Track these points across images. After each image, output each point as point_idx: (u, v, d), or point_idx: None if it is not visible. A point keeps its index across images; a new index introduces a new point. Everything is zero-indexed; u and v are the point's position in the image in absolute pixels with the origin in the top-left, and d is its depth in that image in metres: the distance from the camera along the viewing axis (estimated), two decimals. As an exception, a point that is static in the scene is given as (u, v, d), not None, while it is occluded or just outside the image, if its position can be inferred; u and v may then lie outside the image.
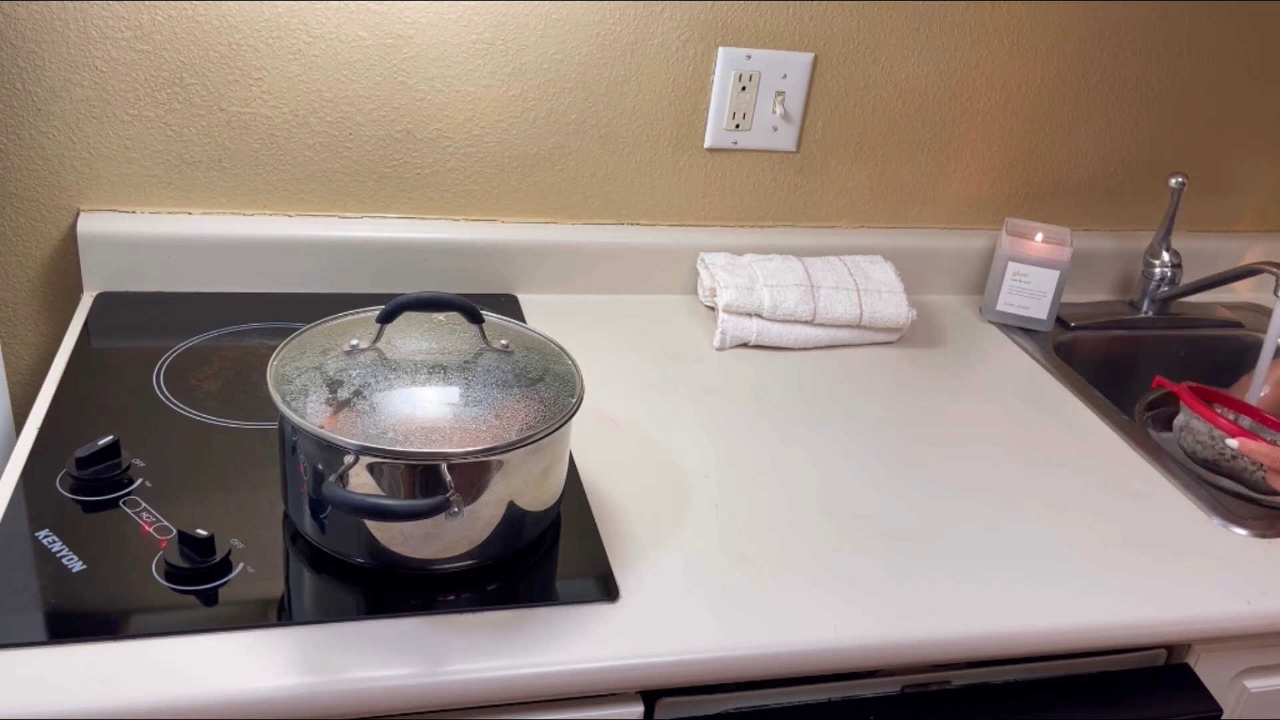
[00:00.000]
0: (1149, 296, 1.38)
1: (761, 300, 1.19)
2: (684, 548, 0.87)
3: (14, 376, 1.21)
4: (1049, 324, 1.32)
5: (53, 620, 0.73)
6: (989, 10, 1.27)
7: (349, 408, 0.76)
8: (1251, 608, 0.89)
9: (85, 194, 1.14)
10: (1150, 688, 0.90)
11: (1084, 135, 1.38)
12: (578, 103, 1.21)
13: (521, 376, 0.82)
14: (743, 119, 1.25)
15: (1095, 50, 1.33)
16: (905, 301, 1.23)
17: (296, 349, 0.83)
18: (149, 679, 0.69)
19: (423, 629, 0.76)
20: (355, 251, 1.20)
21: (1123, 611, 0.86)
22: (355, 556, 0.79)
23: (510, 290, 1.26)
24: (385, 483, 0.75)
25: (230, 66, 1.11)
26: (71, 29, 1.06)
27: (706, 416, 1.06)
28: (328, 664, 0.72)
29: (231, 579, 0.78)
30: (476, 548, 0.79)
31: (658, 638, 0.78)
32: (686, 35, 1.20)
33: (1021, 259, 1.31)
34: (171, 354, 1.05)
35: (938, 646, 0.82)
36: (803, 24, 1.22)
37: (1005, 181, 1.39)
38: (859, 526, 0.92)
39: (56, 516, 0.82)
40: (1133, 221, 1.46)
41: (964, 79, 1.30)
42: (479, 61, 1.16)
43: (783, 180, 1.31)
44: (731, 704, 0.82)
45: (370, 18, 1.11)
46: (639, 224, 1.29)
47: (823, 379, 1.16)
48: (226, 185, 1.16)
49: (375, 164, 1.19)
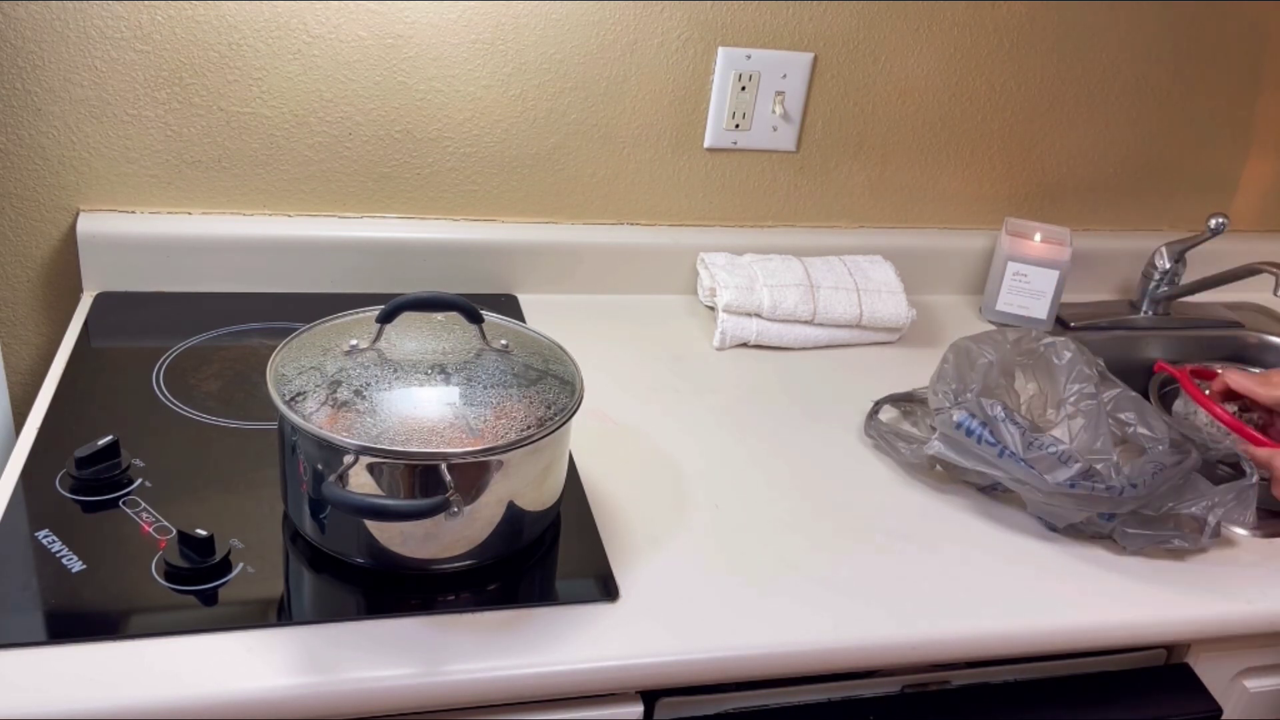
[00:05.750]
0: (1149, 296, 1.38)
1: (761, 300, 1.19)
2: (684, 547, 0.87)
3: (14, 376, 1.21)
4: (1049, 324, 1.32)
5: (52, 620, 0.73)
6: (989, 10, 1.27)
7: (349, 408, 0.76)
8: (1251, 608, 0.89)
9: (85, 194, 1.14)
10: (1150, 688, 0.90)
11: (1084, 135, 1.38)
12: (577, 102, 1.21)
13: (521, 376, 0.82)
14: (742, 119, 1.25)
15: (1095, 50, 1.32)
16: (905, 301, 1.23)
17: (296, 349, 0.83)
18: (148, 679, 0.69)
19: (423, 629, 0.76)
20: (355, 251, 1.20)
21: (1122, 611, 0.86)
22: (355, 556, 0.79)
23: (510, 290, 1.26)
24: (385, 483, 0.75)
25: (230, 66, 1.11)
26: (71, 29, 1.06)
27: (706, 416, 1.06)
28: (328, 664, 0.72)
29: (231, 579, 0.78)
30: (476, 548, 0.79)
31: (657, 638, 0.78)
32: (686, 35, 1.20)
33: (1021, 259, 1.31)
34: (171, 354, 1.05)
35: (938, 646, 0.82)
36: (803, 24, 1.22)
37: (1005, 181, 1.39)
38: (859, 526, 0.92)
39: (56, 516, 0.82)
40: (1133, 221, 1.46)
41: (964, 79, 1.30)
42: (479, 61, 1.16)
43: (782, 180, 1.31)
44: (731, 704, 0.82)
45: (370, 18, 1.11)
46: (639, 224, 1.29)
47: (823, 379, 1.16)
48: (226, 185, 1.16)
49: (375, 164, 1.19)
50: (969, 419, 0.91)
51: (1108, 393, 0.99)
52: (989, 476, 0.93)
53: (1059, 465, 0.88)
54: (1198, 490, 0.91)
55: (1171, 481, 0.90)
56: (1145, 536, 0.90)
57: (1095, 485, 0.87)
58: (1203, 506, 0.90)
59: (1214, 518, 0.90)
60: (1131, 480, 0.88)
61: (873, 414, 1.06)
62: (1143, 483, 0.88)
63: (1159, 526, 0.91)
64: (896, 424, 1.08)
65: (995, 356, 0.99)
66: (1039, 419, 1.01)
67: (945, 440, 0.94)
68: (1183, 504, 0.91)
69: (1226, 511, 0.90)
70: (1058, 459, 0.88)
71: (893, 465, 1.01)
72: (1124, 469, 0.90)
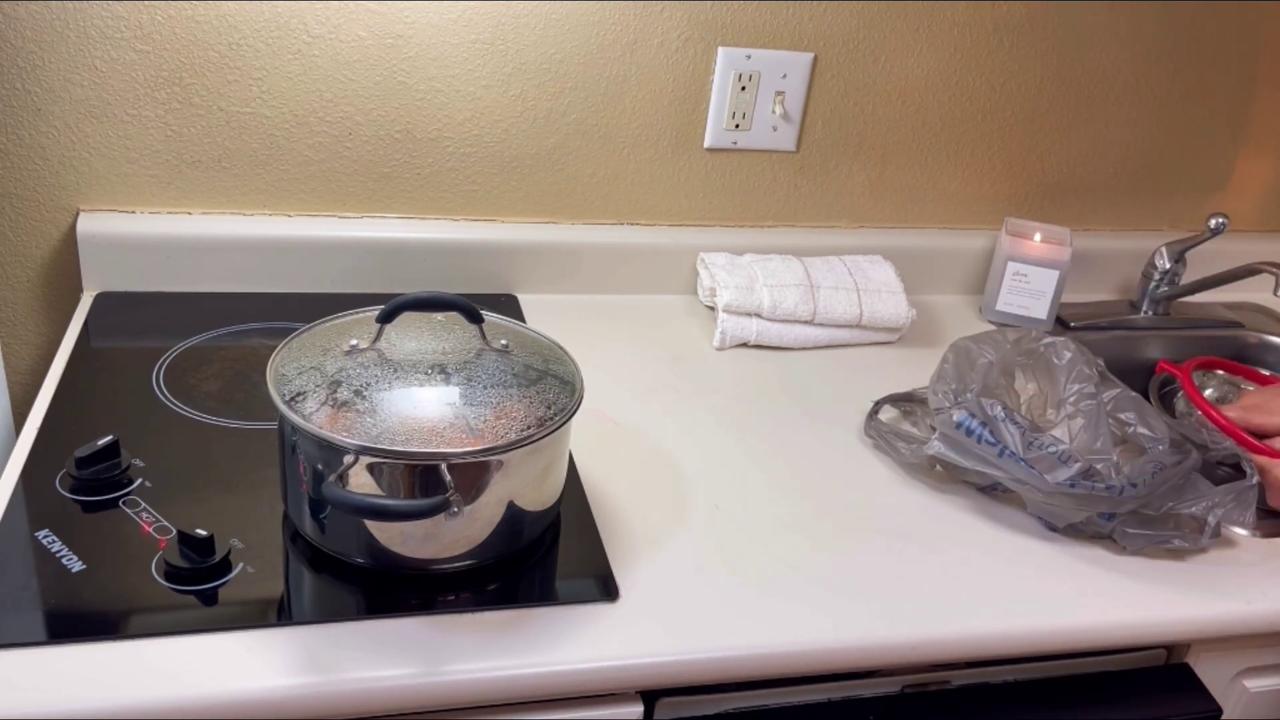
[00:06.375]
0: (1149, 296, 1.38)
1: (761, 300, 1.19)
2: (684, 547, 0.87)
3: (14, 376, 1.21)
4: (1049, 324, 1.32)
5: (52, 620, 0.73)
6: (989, 10, 1.27)
7: (349, 408, 0.76)
8: (1251, 608, 0.89)
9: (85, 194, 1.14)
10: (1150, 688, 0.90)
11: (1084, 135, 1.38)
12: (577, 102, 1.21)
13: (521, 376, 0.82)
14: (742, 119, 1.25)
15: (1095, 50, 1.33)
16: (905, 301, 1.23)
17: (296, 349, 0.83)
18: (148, 679, 0.69)
19: (423, 629, 0.76)
20: (355, 251, 1.20)
21: (1122, 611, 0.86)
22: (355, 556, 0.79)
23: (510, 290, 1.26)
24: (385, 483, 0.75)
25: (230, 66, 1.11)
26: (71, 29, 1.06)
27: (706, 416, 1.06)
28: (328, 664, 0.72)
29: (231, 579, 0.78)
30: (476, 548, 0.79)
31: (657, 638, 0.78)
32: (686, 35, 1.20)
33: (1021, 259, 1.31)
34: (171, 354, 1.05)
35: (938, 646, 0.82)
36: (802, 24, 1.22)
37: (1005, 181, 1.39)
38: (859, 526, 0.92)
39: (56, 516, 0.82)
40: (1133, 221, 1.46)
41: (964, 79, 1.30)
42: (479, 61, 1.16)
43: (782, 180, 1.31)
44: (731, 704, 0.82)
45: (370, 18, 1.11)
46: (639, 224, 1.29)
47: (823, 379, 1.16)
48: (226, 185, 1.16)
49: (375, 164, 1.19)
50: (969, 419, 0.91)
51: (1108, 393, 0.99)
52: (989, 476, 0.93)
53: (1059, 465, 0.88)
54: (1198, 490, 0.91)
55: (1171, 481, 0.90)
56: (1145, 536, 0.90)
57: (1095, 485, 0.87)
58: (1203, 506, 0.90)
59: (1214, 518, 0.90)
60: (1131, 480, 0.88)
61: (873, 414, 1.06)
62: (1143, 483, 0.88)
63: (1159, 526, 0.91)
64: (896, 424, 1.08)
65: (995, 356, 0.99)
66: (1039, 419, 1.01)
67: (945, 440, 0.94)
68: (1183, 504, 0.91)
69: (1226, 512, 0.90)
70: (1058, 459, 0.88)
71: (893, 465, 1.01)
72: (1124, 469, 0.90)
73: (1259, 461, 0.98)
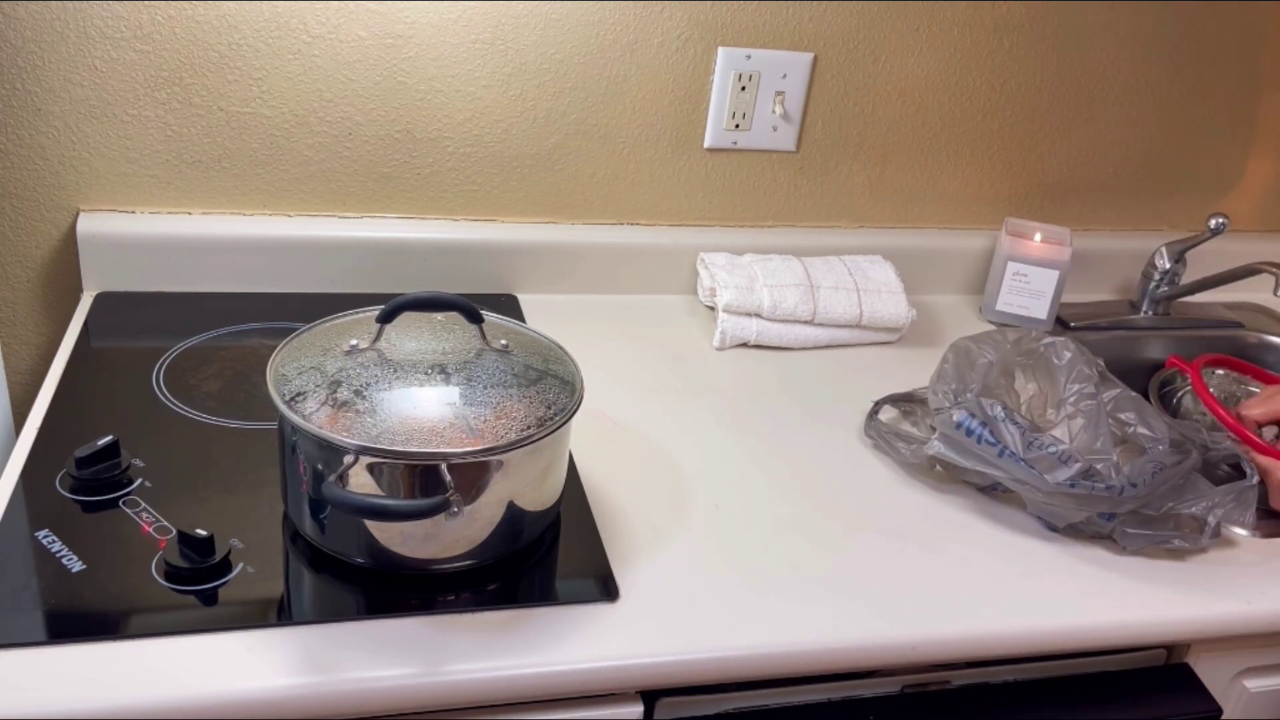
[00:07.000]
0: (1149, 296, 1.38)
1: (761, 300, 1.19)
2: (684, 547, 0.87)
3: (14, 376, 1.21)
4: (1049, 324, 1.32)
5: (52, 620, 0.73)
6: (989, 10, 1.27)
7: (349, 408, 0.76)
8: (1251, 608, 0.89)
9: (85, 194, 1.14)
10: (1150, 688, 0.90)
11: (1084, 135, 1.38)
12: (577, 102, 1.21)
13: (521, 376, 0.82)
14: (742, 119, 1.25)
15: (1095, 50, 1.32)
16: (905, 301, 1.23)
17: (296, 349, 0.83)
18: (148, 679, 0.69)
19: (423, 629, 0.76)
20: (355, 251, 1.20)
21: (1122, 611, 0.86)
22: (355, 556, 0.79)
23: (510, 290, 1.26)
24: (385, 483, 0.75)
25: (230, 66, 1.11)
26: (71, 29, 1.06)
27: (706, 416, 1.06)
28: (328, 664, 0.72)
29: (231, 579, 0.78)
30: (476, 548, 0.79)
31: (657, 638, 0.78)
32: (686, 35, 1.20)
33: (1021, 259, 1.31)
34: (171, 354, 1.05)
35: (938, 646, 0.82)
36: (802, 24, 1.22)
37: (1005, 181, 1.39)
38: (859, 526, 0.92)
39: (56, 516, 0.82)
40: (1133, 221, 1.46)
41: (964, 79, 1.30)
42: (479, 61, 1.16)
43: (782, 180, 1.31)
44: (731, 704, 0.82)
45: (370, 18, 1.11)
46: (639, 224, 1.29)
47: (823, 379, 1.16)
48: (226, 185, 1.16)
49: (375, 164, 1.19)
50: (969, 419, 0.91)
51: (1108, 393, 0.99)
52: (989, 476, 0.93)
53: (1059, 465, 0.88)
54: (1198, 490, 0.91)
55: (1171, 481, 0.90)
56: (1145, 536, 0.90)
57: (1095, 485, 0.87)
58: (1203, 506, 0.90)
59: (1214, 518, 0.90)
60: (1131, 480, 0.88)
61: (873, 414, 1.06)
62: (1143, 483, 0.88)
63: (1159, 526, 0.91)
64: (896, 424, 1.08)
65: (995, 356, 0.99)
66: (1039, 419, 1.01)
67: (945, 440, 0.94)
68: (1183, 504, 0.91)
69: (1226, 512, 0.90)
70: (1058, 459, 0.88)
71: (893, 465, 1.01)
72: (1124, 469, 0.90)
73: (1261, 463, 0.99)
